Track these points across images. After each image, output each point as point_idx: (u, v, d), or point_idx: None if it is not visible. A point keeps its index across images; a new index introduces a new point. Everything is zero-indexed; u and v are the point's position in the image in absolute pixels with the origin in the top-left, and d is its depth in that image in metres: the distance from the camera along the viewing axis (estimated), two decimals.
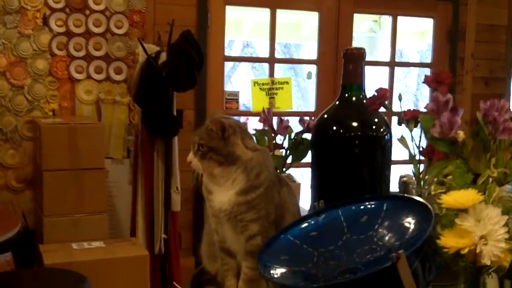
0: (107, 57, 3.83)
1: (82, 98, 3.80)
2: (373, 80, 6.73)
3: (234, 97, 4.07)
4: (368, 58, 5.11)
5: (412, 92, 8.98)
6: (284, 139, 1.61)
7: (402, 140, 1.48)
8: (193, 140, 1.34)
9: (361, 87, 1.43)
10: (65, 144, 3.36)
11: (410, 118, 1.45)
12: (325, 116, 1.45)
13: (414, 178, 1.55)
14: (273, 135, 1.60)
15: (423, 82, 1.38)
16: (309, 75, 4.39)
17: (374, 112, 1.39)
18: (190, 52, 3.37)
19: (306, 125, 1.58)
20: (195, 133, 1.35)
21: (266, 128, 1.60)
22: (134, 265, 3.18)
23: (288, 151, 1.60)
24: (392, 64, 4.52)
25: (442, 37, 4.62)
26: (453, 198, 1.05)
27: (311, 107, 4.38)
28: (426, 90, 7.14)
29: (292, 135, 1.59)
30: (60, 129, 3.39)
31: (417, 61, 7.51)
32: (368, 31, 6.74)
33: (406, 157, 1.39)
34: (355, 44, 4.39)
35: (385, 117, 1.45)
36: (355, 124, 1.41)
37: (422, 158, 1.43)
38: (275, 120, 1.61)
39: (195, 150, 1.33)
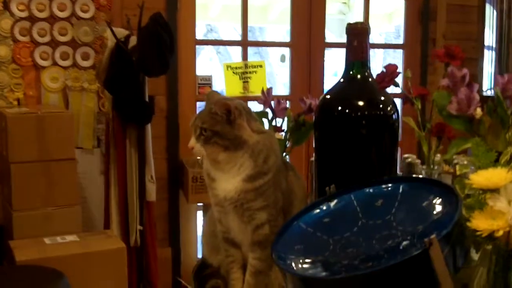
0: (73, 43, 3.68)
1: (48, 86, 3.65)
2: (341, 64, 6.67)
3: (207, 82, 3.97)
4: (338, 40, 5.04)
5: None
6: (283, 121, 1.52)
7: (409, 119, 1.41)
8: (195, 124, 1.24)
9: (366, 64, 1.34)
10: (33, 134, 3.22)
11: (417, 96, 1.38)
12: (329, 95, 1.37)
13: (417, 159, 1.48)
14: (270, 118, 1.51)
15: (432, 57, 1.30)
16: (282, 58, 4.30)
17: (383, 89, 1.31)
18: (161, 35, 3.26)
19: (307, 106, 1.49)
20: (197, 117, 1.25)
21: (267, 110, 1.50)
22: (111, 259, 3.07)
23: (288, 134, 1.51)
24: None
25: (414, 18, 4.57)
26: (484, 178, 0.98)
27: (281, 92, 4.30)
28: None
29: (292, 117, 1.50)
30: (26, 119, 3.25)
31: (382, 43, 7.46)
32: (337, 13, 6.67)
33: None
34: (326, 26, 4.30)
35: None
36: (361, 103, 1.32)
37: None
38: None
39: (197, 135, 1.24)
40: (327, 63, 4.31)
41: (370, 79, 1.34)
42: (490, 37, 4.51)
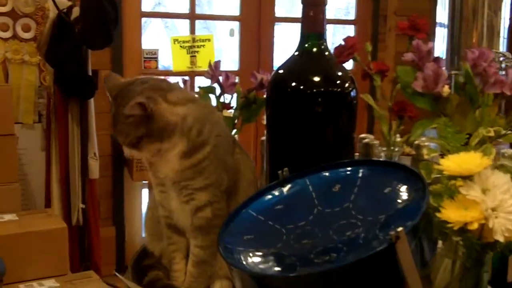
0: (13, 13, 3.47)
1: None
2: (291, 40, 6.57)
3: (153, 56, 3.82)
4: (288, 15, 4.92)
5: None
6: (232, 98, 1.40)
7: (367, 96, 1.31)
8: (119, 141, 1.12)
9: (322, 37, 1.24)
10: None
11: (377, 72, 1.28)
12: (282, 70, 1.26)
13: (375, 140, 1.39)
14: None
15: (397, 30, 1.20)
16: (231, 32, 4.17)
17: (341, 64, 1.20)
18: (105, 7, 3.11)
19: (258, 81, 1.37)
20: (116, 132, 1.11)
21: (214, 85, 1.37)
22: (51, 239, 2.92)
23: (237, 112, 1.39)
24: None
25: None
26: (456, 163, 0.88)
27: (230, 67, 4.17)
28: None
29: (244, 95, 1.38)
30: None
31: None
32: None
33: None
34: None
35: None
36: (317, 78, 1.22)
37: None
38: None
39: (125, 146, 1.12)
40: (276, 39, 4.21)
41: (326, 53, 1.24)
42: (442, 14, 4.46)
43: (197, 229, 1.15)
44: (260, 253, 0.96)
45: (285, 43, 5.15)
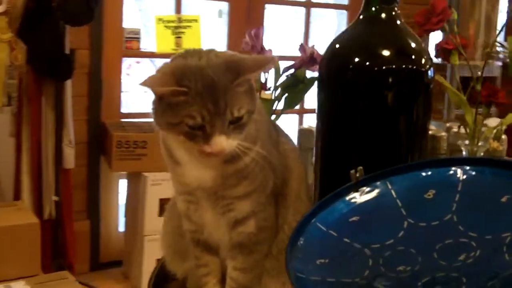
0: None
1: None
2: (283, 24, 6.31)
3: (135, 36, 3.52)
4: None
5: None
6: (267, 75, 1.12)
7: (441, 78, 1.05)
8: (223, 119, 0.81)
9: None
10: None
11: (453, 48, 1.02)
12: (341, 42, 0.99)
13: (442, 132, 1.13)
14: None
15: None
16: (219, 14, 3.89)
17: (423, 35, 0.95)
18: None
19: (308, 54, 1.09)
20: (224, 99, 0.78)
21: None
22: (21, 235, 2.65)
23: (280, 93, 1.11)
24: (309, 4, 4.09)
25: None
26: None
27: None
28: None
29: (286, 71, 1.10)
30: None
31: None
32: None
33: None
34: None
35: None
36: (386, 53, 0.96)
37: None
38: None
39: (227, 126, 0.80)
40: (266, 21, 3.94)
41: (398, 21, 0.98)
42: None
43: (237, 247, 0.88)
44: (343, 285, 0.70)
45: (275, 25, 4.90)
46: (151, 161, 3.19)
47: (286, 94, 1.04)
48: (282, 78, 1.08)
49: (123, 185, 3.62)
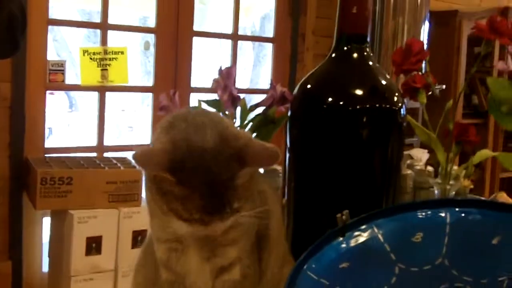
0: None
1: None
2: (207, 56, 6.30)
3: (59, 68, 3.42)
4: (199, 29, 4.64)
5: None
6: (235, 114, 1.08)
7: (408, 116, 1.04)
8: (222, 214, 0.75)
9: (365, 39, 0.97)
10: None
11: (422, 87, 1.02)
12: (313, 81, 0.97)
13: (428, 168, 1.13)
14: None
15: (475, 32, 0.94)
16: (146, 46, 3.82)
17: (399, 74, 0.94)
18: (11, 9, 2.71)
19: (279, 93, 1.05)
20: (223, 192, 0.73)
21: (225, 98, 1.03)
22: None
23: (250, 131, 1.07)
24: (236, 37, 4.08)
25: (284, 12, 4.28)
26: None
27: (143, 83, 3.83)
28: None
29: (253, 110, 1.06)
30: None
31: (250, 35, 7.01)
32: (198, 3, 6.29)
33: None
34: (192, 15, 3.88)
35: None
36: (359, 92, 0.94)
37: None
38: None
39: (224, 217, 0.75)
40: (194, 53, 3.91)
41: (370, 61, 0.97)
42: None
43: None
44: None
45: (202, 58, 4.88)
46: (77, 198, 3.05)
47: (255, 134, 1.01)
48: (249, 116, 1.05)
49: (46, 223, 3.47)
